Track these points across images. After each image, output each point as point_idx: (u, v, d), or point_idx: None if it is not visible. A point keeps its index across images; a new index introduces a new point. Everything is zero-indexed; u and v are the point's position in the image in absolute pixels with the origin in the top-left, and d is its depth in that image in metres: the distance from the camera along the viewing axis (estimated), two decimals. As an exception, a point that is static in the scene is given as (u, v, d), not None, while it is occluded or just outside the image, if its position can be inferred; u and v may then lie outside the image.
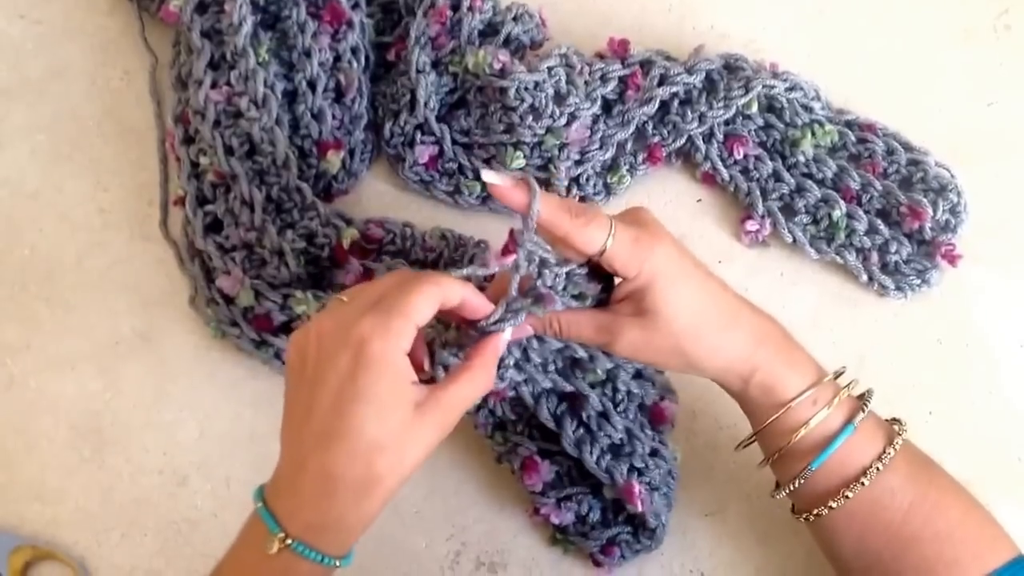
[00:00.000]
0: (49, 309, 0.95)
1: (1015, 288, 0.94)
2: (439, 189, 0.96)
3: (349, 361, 0.63)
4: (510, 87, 0.91)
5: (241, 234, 0.89)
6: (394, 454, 0.64)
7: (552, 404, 0.83)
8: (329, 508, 0.64)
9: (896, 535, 0.73)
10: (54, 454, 0.91)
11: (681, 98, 0.96)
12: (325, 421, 0.64)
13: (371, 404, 0.63)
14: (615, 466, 0.82)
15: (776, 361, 0.74)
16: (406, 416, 0.64)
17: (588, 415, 0.83)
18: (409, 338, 0.64)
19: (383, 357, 0.63)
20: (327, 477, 0.63)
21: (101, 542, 0.89)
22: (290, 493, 0.65)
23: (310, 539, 0.64)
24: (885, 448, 0.73)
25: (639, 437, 0.84)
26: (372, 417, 0.63)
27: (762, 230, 0.95)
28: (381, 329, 0.63)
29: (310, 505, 0.64)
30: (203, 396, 0.92)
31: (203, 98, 0.90)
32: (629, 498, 0.82)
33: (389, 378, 0.63)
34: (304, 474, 0.64)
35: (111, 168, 0.98)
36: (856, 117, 0.97)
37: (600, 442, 0.83)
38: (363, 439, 0.63)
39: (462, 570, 0.88)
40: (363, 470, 0.63)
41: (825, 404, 0.73)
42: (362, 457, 0.63)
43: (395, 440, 0.64)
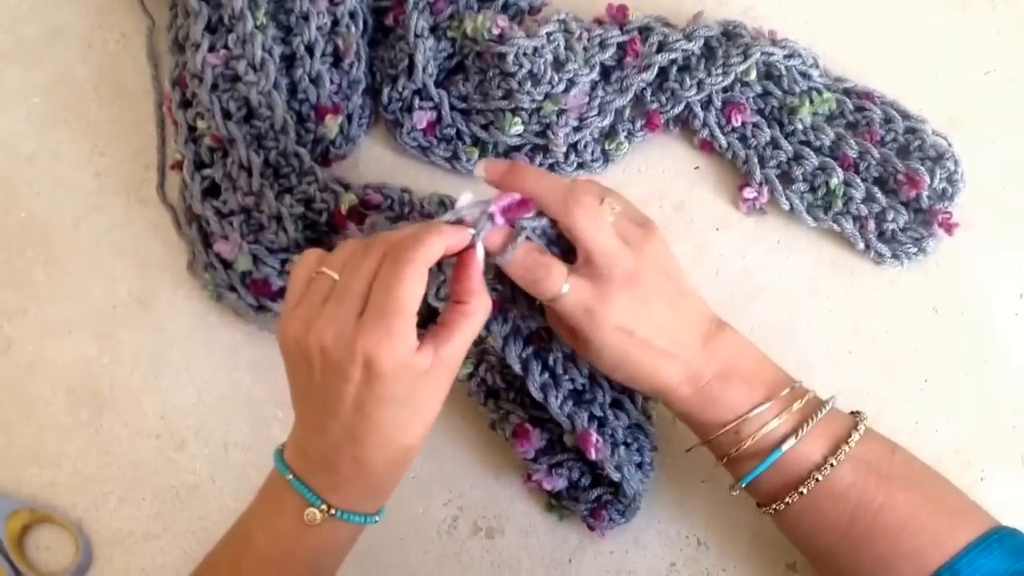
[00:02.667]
0: (46, 273, 0.95)
1: (1011, 257, 0.94)
2: (437, 155, 0.96)
3: (361, 375, 0.65)
4: (508, 53, 0.90)
5: (239, 199, 0.89)
6: (416, 424, 0.68)
7: (519, 347, 0.82)
8: (367, 483, 0.69)
9: (845, 534, 0.74)
10: (51, 418, 0.91)
11: (679, 65, 0.96)
12: (349, 421, 0.67)
13: (390, 404, 0.66)
14: (576, 413, 0.83)
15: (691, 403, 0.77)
16: (419, 389, 0.67)
17: (554, 357, 0.83)
18: (412, 333, 0.65)
19: (393, 368, 0.64)
20: (361, 463, 0.68)
21: (99, 505, 0.89)
22: (328, 475, 0.69)
23: (352, 507, 0.70)
24: (826, 458, 0.74)
25: (600, 384, 0.84)
26: (393, 411, 0.66)
27: (760, 197, 0.95)
28: (386, 342, 0.64)
29: (349, 482, 0.69)
30: (201, 361, 0.93)
31: (200, 62, 0.90)
32: (585, 446, 0.82)
33: (401, 378, 0.65)
34: (338, 462, 0.68)
35: (108, 132, 0.98)
36: (854, 85, 0.96)
37: (563, 386, 0.83)
38: (389, 430, 0.67)
39: (459, 535, 0.89)
40: (392, 451, 0.68)
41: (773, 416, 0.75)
42: (390, 442, 0.68)
43: (414, 413, 0.68)
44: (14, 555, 0.87)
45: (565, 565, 0.88)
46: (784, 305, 0.93)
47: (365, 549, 0.87)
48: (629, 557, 0.88)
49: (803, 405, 0.75)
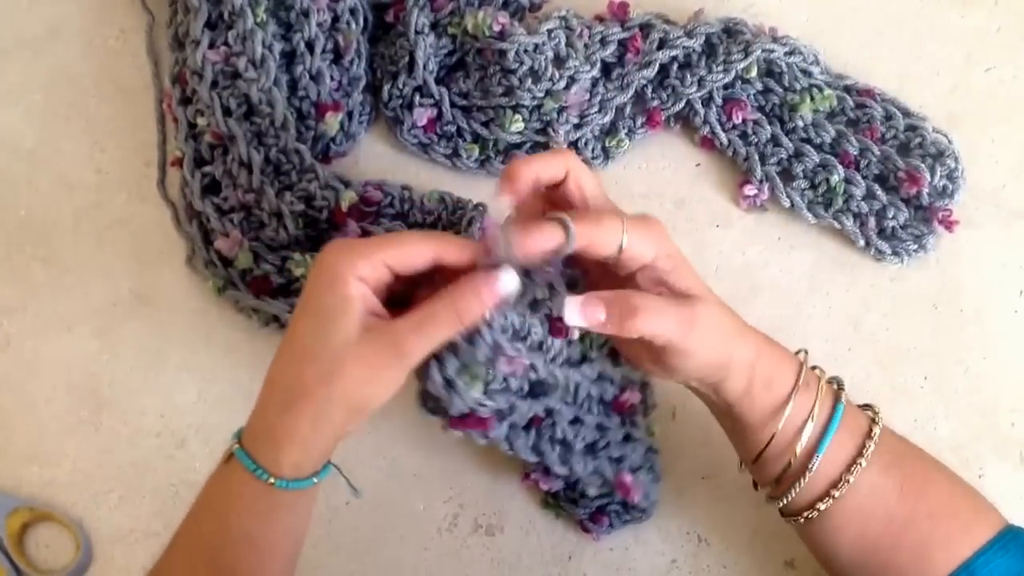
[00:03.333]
0: (46, 270, 0.95)
1: (1011, 254, 0.94)
2: (437, 152, 0.96)
3: (311, 280, 0.64)
4: (509, 49, 0.90)
5: (239, 196, 0.89)
6: (326, 367, 0.63)
7: (523, 439, 0.79)
8: (264, 413, 0.65)
9: (892, 520, 0.72)
10: (51, 416, 0.91)
11: (680, 62, 0.96)
12: (286, 334, 0.65)
13: (312, 316, 0.64)
14: (600, 465, 0.82)
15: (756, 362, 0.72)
16: (346, 335, 0.63)
17: (561, 428, 0.80)
18: (373, 269, 0.64)
19: (333, 272, 0.63)
20: (268, 384, 0.65)
21: (99, 504, 0.89)
22: (254, 410, 0.67)
23: (249, 447, 0.65)
24: (864, 442, 0.72)
25: (609, 427, 0.83)
26: (309, 327, 0.64)
27: (760, 195, 0.95)
28: (344, 255, 0.63)
29: (256, 414, 0.66)
30: (201, 358, 0.92)
31: (200, 58, 0.90)
32: (624, 492, 0.81)
33: (335, 294, 0.63)
34: (264, 387, 0.66)
35: (108, 128, 0.98)
36: (855, 82, 0.97)
37: (578, 448, 0.81)
38: (298, 346, 0.64)
39: (460, 532, 0.89)
40: (293, 378, 0.64)
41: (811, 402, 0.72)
42: (295, 365, 0.64)
43: (331, 354, 0.63)
44: (14, 553, 0.87)
45: (565, 562, 0.88)
46: (784, 302, 0.93)
47: (366, 546, 0.87)
48: (629, 554, 0.88)
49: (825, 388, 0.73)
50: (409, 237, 0.66)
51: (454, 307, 0.64)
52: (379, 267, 0.64)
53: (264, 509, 0.66)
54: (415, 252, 0.65)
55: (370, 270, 0.64)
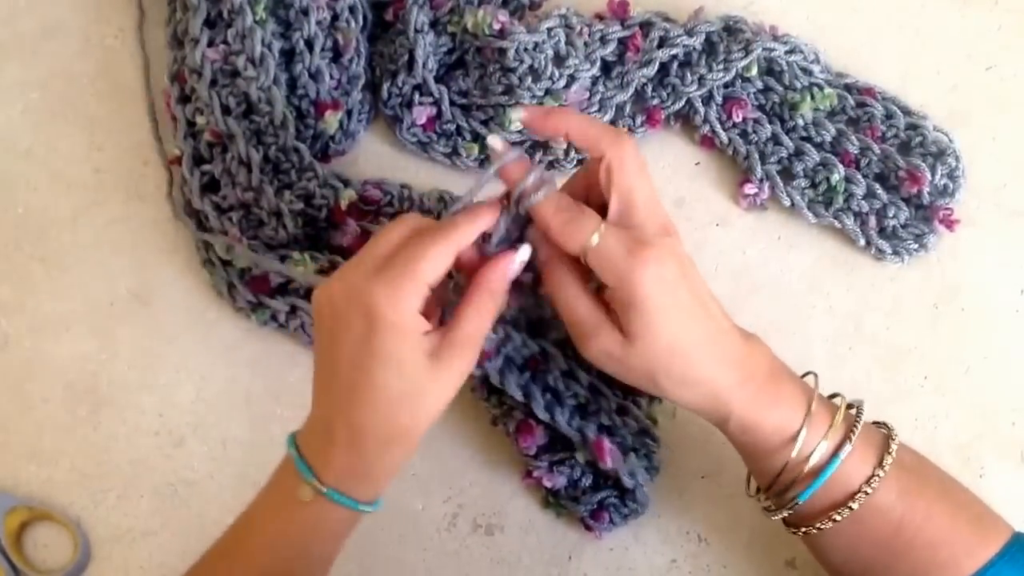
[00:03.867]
0: (43, 269, 0.94)
1: (1012, 253, 0.94)
2: (437, 151, 0.96)
3: (362, 327, 0.65)
4: (509, 48, 0.90)
5: (238, 194, 0.89)
6: (415, 404, 0.66)
7: (516, 377, 0.82)
8: (359, 459, 0.67)
9: (887, 547, 0.72)
10: (49, 415, 0.91)
11: (680, 60, 0.96)
12: (348, 379, 0.66)
13: (387, 364, 0.65)
14: (584, 425, 0.82)
15: (757, 399, 0.71)
16: (421, 367, 0.66)
17: (554, 376, 0.83)
18: (419, 298, 0.66)
19: (394, 324, 0.64)
20: (355, 431, 0.67)
21: (97, 503, 0.89)
22: (324, 444, 0.68)
23: (343, 487, 0.68)
24: (874, 470, 0.71)
25: (604, 393, 0.84)
26: (390, 375, 0.65)
27: (760, 194, 0.95)
28: (392, 297, 0.64)
29: (342, 456, 0.67)
30: (199, 357, 0.92)
31: (199, 57, 0.89)
32: (599, 455, 0.81)
33: (401, 338, 0.65)
34: (334, 427, 0.67)
35: (106, 127, 0.97)
36: (855, 81, 0.96)
37: (567, 403, 0.83)
38: (384, 395, 0.65)
39: (459, 532, 0.88)
40: (386, 423, 0.66)
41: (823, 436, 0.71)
42: (384, 411, 0.66)
43: (414, 391, 0.66)
44: (12, 553, 0.87)
45: (565, 562, 0.88)
46: (784, 302, 0.93)
47: (365, 547, 0.87)
48: (629, 554, 0.88)
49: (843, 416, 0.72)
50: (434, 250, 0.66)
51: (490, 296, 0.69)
52: (424, 291, 0.66)
53: (347, 532, 0.72)
54: (446, 259, 0.67)
55: (419, 301, 0.66)
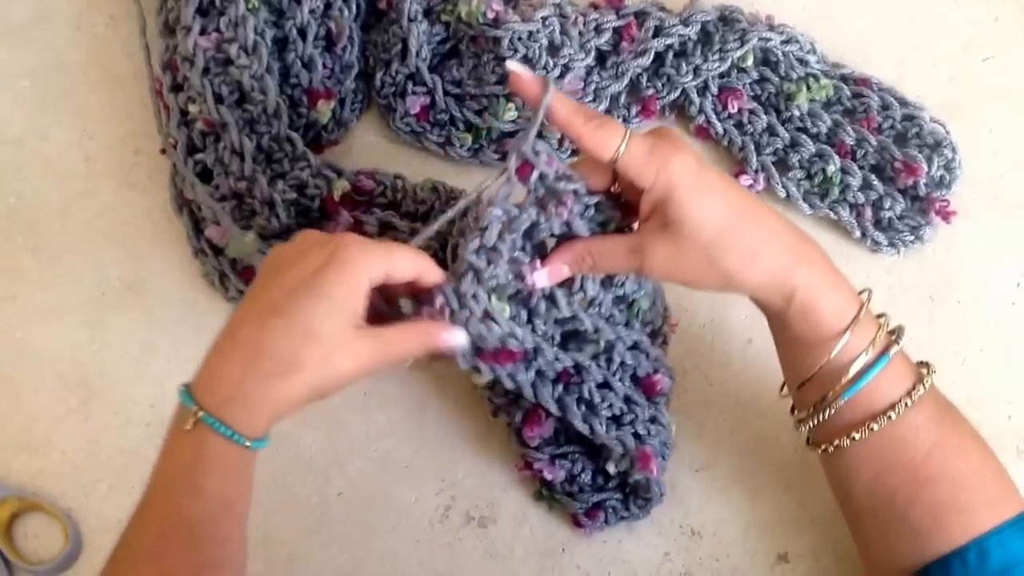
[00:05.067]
0: (35, 259, 0.94)
1: (1008, 245, 0.94)
2: (430, 140, 0.95)
3: (322, 259, 0.67)
4: (503, 37, 0.90)
5: (231, 184, 0.88)
6: (322, 351, 0.65)
7: (550, 390, 0.81)
8: (243, 380, 0.65)
9: (915, 474, 0.71)
10: (40, 405, 0.91)
11: (676, 50, 0.95)
12: (274, 301, 0.67)
13: (323, 299, 0.66)
14: (622, 436, 0.82)
15: (818, 281, 0.71)
16: (346, 327, 0.66)
17: (588, 388, 0.82)
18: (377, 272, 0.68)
19: (352, 265, 0.66)
20: (255, 347, 0.66)
21: (88, 493, 0.89)
22: (211, 370, 0.67)
23: (220, 413, 0.65)
24: (915, 385, 0.72)
25: (638, 403, 0.83)
26: (319, 310, 0.65)
27: (756, 185, 0.94)
28: (361, 248, 0.67)
29: (226, 378, 0.66)
30: (191, 348, 0.91)
31: (192, 45, 0.89)
32: (644, 464, 0.81)
33: (349, 285, 0.66)
34: (232, 346, 0.67)
35: (97, 116, 0.97)
36: (851, 71, 0.96)
37: (602, 414, 0.82)
38: (299, 324, 0.65)
39: (452, 524, 0.88)
40: (289, 352, 0.65)
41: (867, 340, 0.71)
42: (295, 339, 0.65)
43: (329, 339, 0.66)
44: (2, 543, 0.87)
45: (558, 554, 0.87)
46: (780, 293, 0.93)
47: (357, 538, 0.86)
48: (623, 546, 0.87)
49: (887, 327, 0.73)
50: (404, 252, 0.70)
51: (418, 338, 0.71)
52: (381, 274, 0.68)
53: (240, 471, 0.68)
54: (406, 268, 0.70)
55: (376, 275, 0.68)
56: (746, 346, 0.92)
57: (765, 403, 0.90)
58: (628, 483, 0.85)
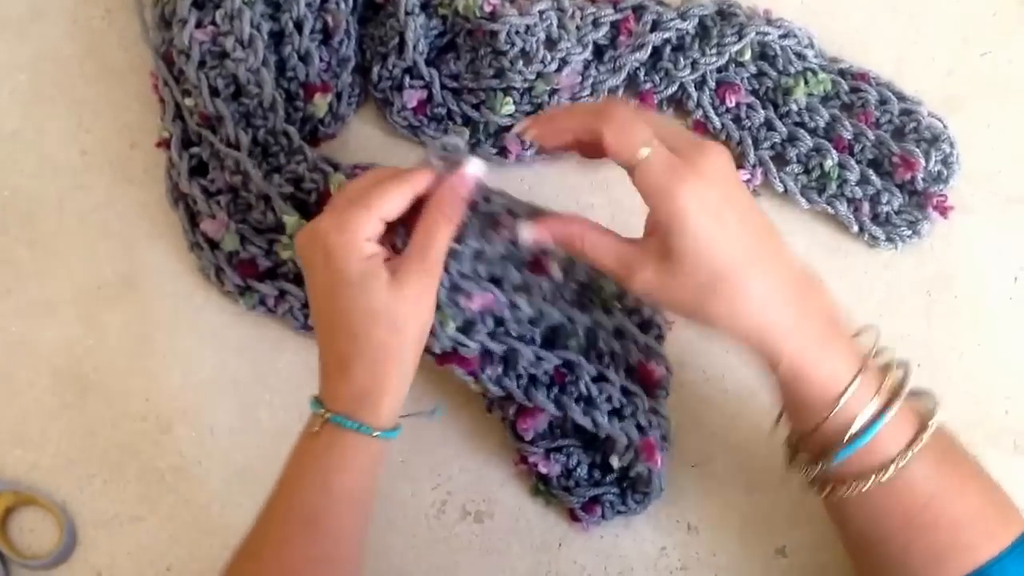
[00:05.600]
0: (30, 253, 0.93)
1: (1006, 240, 0.94)
2: (428, 134, 0.95)
3: (320, 258, 0.70)
4: (500, 31, 0.89)
5: (227, 177, 0.88)
6: (386, 319, 0.69)
7: (544, 392, 0.82)
8: (354, 383, 0.71)
9: (911, 523, 0.70)
10: (35, 399, 0.90)
11: (673, 44, 0.95)
12: (323, 311, 0.72)
13: (349, 287, 0.69)
14: (626, 427, 0.82)
15: (812, 347, 0.69)
16: (382, 283, 0.69)
17: (584, 383, 0.82)
18: (370, 225, 0.70)
19: (343, 246, 0.69)
20: (340, 357, 0.71)
21: (83, 488, 0.88)
22: (325, 379, 0.73)
23: (344, 411, 0.71)
24: (916, 435, 0.69)
25: (637, 394, 0.83)
26: (352, 295, 0.69)
27: (753, 179, 0.94)
28: (337, 224, 0.69)
29: (341, 385, 0.71)
30: (187, 342, 0.92)
31: (187, 38, 0.88)
32: (649, 455, 0.81)
33: (355, 260, 0.69)
34: (327, 360, 0.72)
35: (93, 109, 0.97)
36: (849, 66, 0.96)
37: (602, 407, 0.82)
38: (352, 316, 0.70)
39: (448, 519, 0.88)
40: (365, 343, 0.70)
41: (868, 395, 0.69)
42: (358, 331, 0.70)
43: (380, 307, 0.69)
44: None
45: (555, 549, 0.87)
46: (777, 288, 0.93)
47: (353, 533, 0.86)
48: (619, 541, 0.87)
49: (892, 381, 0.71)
50: (390, 188, 0.71)
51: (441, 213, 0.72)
52: (377, 223, 0.71)
53: (367, 464, 0.73)
54: (400, 199, 0.72)
55: (371, 229, 0.70)
56: (743, 341, 0.91)
57: (762, 398, 0.90)
58: (627, 477, 0.85)
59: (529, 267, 0.82)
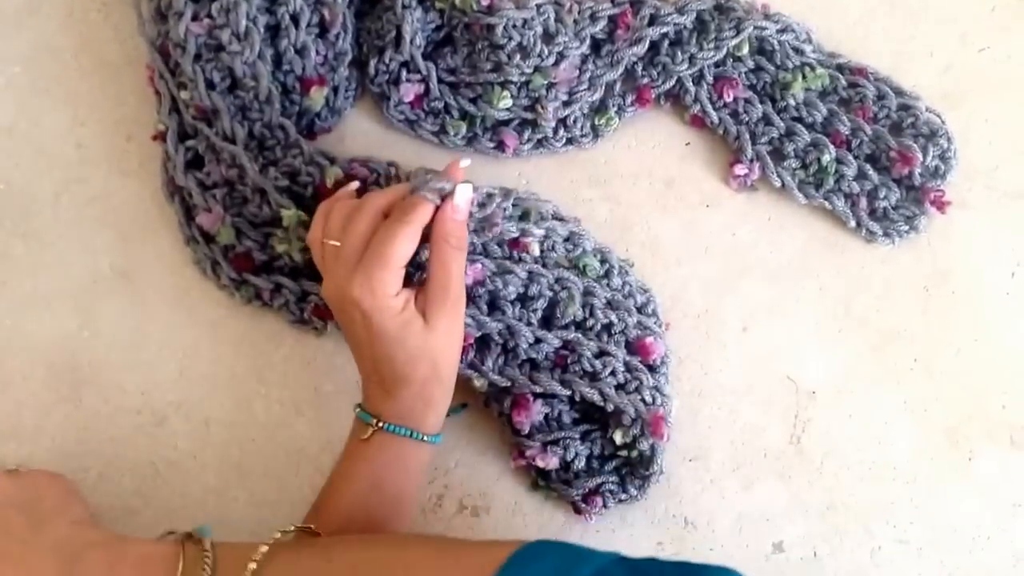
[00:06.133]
0: (25, 245, 0.93)
1: (1003, 236, 0.93)
2: (424, 128, 0.95)
3: (359, 316, 0.76)
4: (498, 24, 0.89)
5: (223, 171, 0.88)
6: (427, 357, 0.77)
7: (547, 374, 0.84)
8: (399, 403, 0.79)
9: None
10: (30, 392, 0.90)
11: (671, 39, 0.95)
12: (371, 351, 0.78)
13: (388, 339, 0.76)
14: (632, 400, 0.83)
15: None
16: (417, 329, 0.76)
17: (587, 359, 0.84)
18: (396, 280, 0.75)
19: (379, 310, 0.75)
20: (387, 386, 0.79)
21: (78, 481, 0.88)
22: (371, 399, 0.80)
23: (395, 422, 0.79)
24: None
25: (640, 369, 0.84)
26: (394, 346, 0.76)
27: (751, 174, 0.94)
28: (369, 290, 0.74)
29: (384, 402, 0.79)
30: (182, 335, 0.91)
31: (183, 31, 0.88)
32: (656, 429, 0.82)
33: (390, 319, 0.75)
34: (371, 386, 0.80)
35: (89, 102, 0.96)
36: (847, 61, 0.95)
37: (607, 380, 0.83)
38: (396, 360, 0.77)
39: (444, 513, 0.88)
40: (411, 377, 0.77)
41: None
42: (402, 370, 0.77)
43: (419, 349, 0.77)
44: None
45: (551, 544, 0.87)
46: (774, 283, 0.93)
47: (349, 527, 0.86)
48: (616, 536, 0.87)
49: None
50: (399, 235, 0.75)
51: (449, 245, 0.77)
52: (399, 275, 0.76)
53: (414, 467, 0.80)
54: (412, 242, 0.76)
55: (397, 284, 0.76)
56: (741, 335, 0.91)
57: (759, 393, 0.90)
58: (627, 462, 0.85)
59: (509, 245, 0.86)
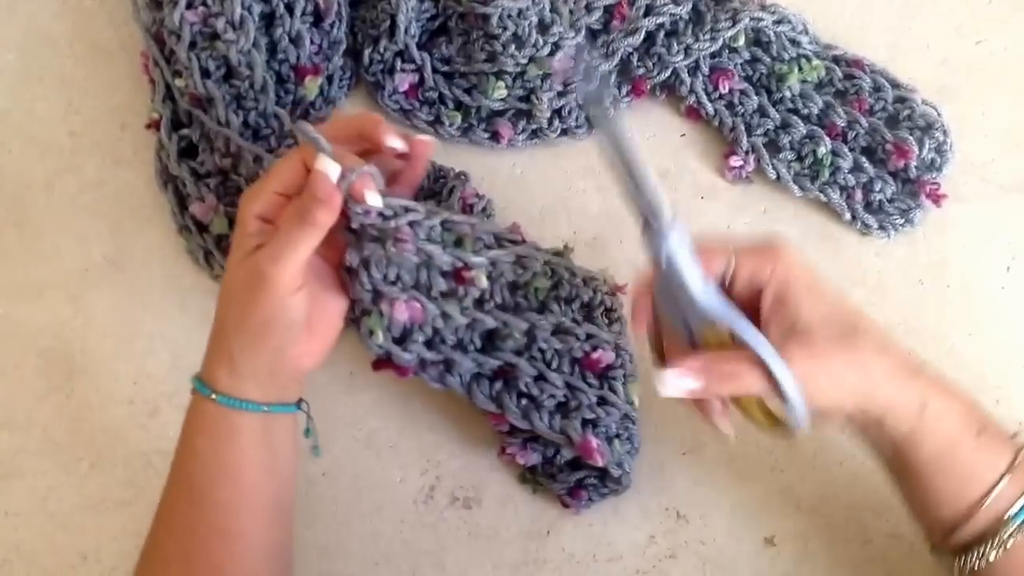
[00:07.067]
0: (17, 234, 0.93)
1: (998, 229, 0.93)
2: (419, 118, 0.94)
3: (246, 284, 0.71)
4: (493, 14, 0.89)
5: (216, 160, 0.87)
6: (249, 310, 0.71)
7: (485, 388, 0.82)
8: (222, 353, 0.73)
9: None
10: (22, 382, 0.90)
11: (667, 29, 0.94)
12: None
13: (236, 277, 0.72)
14: (568, 424, 0.81)
15: (964, 435, 0.69)
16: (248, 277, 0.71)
17: (525, 383, 0.82)
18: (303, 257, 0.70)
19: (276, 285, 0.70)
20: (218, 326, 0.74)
21: (70, 472, 0.88)
22: (211, 366, 0.74)
23: (214, 383, 0.73)
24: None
25: (582, 389, 0.83)
26: (240, 288, 0.72)
27: (746, 166, 0.94)
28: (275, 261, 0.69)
29: (214, 353, 0.74)
30: (175, 325, 0.91)
31: (178, 18, 0.88)
32: (588, 455, 0.81)
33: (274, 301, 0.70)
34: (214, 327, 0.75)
35: (83, 90, 0.96)
36: (843, 53, 0.95)
37: (546, 405, 0.82)
38: (234, 296, 0.73)
39: (436, 504, 0.88)
40: (235, 321, 0.72)
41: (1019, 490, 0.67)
42: (232, 311, 0.73)
43: (249, 300, 0.71)
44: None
45: (543, 536, 0.87)
46: (769, 276, 0.92)
47: (341, 518, 0.86)
48: (608, 528, 0.87)
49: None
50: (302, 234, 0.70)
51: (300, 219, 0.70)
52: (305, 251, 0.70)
53: (224, 432, 0.73)
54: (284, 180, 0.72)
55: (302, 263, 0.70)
56: (734, 328, 0.91)
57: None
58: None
59: (453, 277, 0.81)
